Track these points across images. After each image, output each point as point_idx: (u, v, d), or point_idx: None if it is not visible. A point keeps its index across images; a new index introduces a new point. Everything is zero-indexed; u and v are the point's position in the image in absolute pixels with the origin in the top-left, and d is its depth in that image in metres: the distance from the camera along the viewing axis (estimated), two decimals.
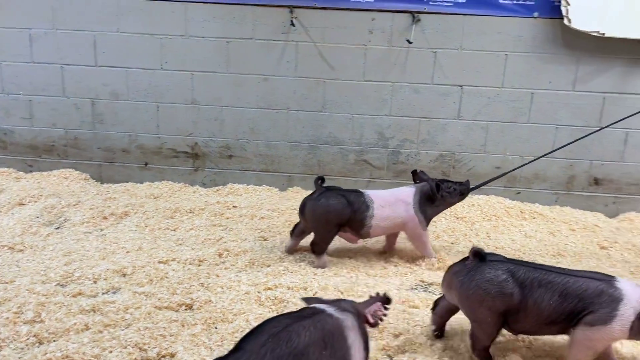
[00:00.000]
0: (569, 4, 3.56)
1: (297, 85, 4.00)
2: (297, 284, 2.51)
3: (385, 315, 1.67)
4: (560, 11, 3.61)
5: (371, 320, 1.64)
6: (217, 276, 2.61)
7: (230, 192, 4.06)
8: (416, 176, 2.97)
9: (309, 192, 4.08)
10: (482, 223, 3.60)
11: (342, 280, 2.60)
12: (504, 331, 1.98)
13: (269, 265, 2.77)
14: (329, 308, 1.56)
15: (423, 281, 2.68)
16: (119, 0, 3.93)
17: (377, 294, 1.69)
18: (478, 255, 1.89)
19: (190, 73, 4.03)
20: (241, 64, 3.98)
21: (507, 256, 2.99)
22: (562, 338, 2.04)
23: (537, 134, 3.94)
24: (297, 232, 2.95)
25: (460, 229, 3.48)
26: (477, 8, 3.74)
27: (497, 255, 1.96)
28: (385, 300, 1.68)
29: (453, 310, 2.05)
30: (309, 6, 3.82)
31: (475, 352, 1.92)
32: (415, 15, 3.78)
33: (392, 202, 2.82)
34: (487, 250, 3.06)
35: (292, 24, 3.83)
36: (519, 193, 4.01)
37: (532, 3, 3.72)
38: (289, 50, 3.94)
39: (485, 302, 1.84)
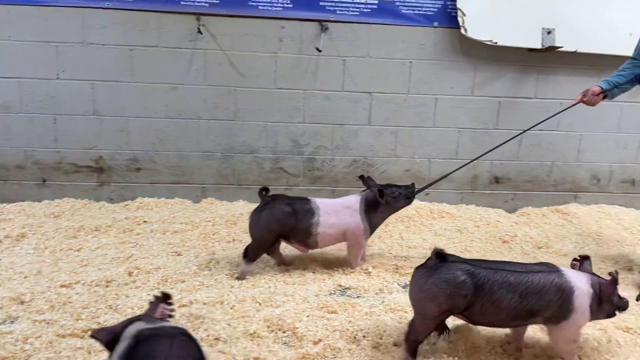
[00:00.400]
0: (464, 15, 3.79)
1: (207, 94, 3.91)
2: (214, 298, 2.43)
3: (173, 310, 1.69)
4: (457, 21, 3.84)
5: None
6: (127, 297, 2.47)
7: (140, 206, 3.87)
8: (364, 182, 2.95)
9: (224, 203, 4.04)
10: (395, 224, 3.72)
11: (260, 291, 2.56)
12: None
13: (183, 281, 2.67)
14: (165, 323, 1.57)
15: (341, 285, 2.71)
16: (9, 7, 3.63)
17: (156, 297, 1.70)
18: (439, 256, 1.93)
19: (91, 82, 3.81)
20: (147, 73, 3.83)
21: (420, 255, 3.16)
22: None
23: (442, 137, 4.15)
24: (271, 248, 2.87)
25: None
26: (381, 17, 3.88)
27: (458, 257, 2.00)
28: (165, 298, 1.70)
29: None
30: (216, 13, 3.75)
31: (407, 341, 1.98)
32: (324, 23, 3.85)
33: (338, 209, 2.79)
34: (400, 250, 3.21)
35: (200, 32, 3.74)
36: (428, 194, 4.19)
37: (432, 13, 3.92)
38: (197, 58, 3.84)
39: (437, 299, 1.89)
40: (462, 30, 3.82)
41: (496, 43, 3.83)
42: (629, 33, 3.89)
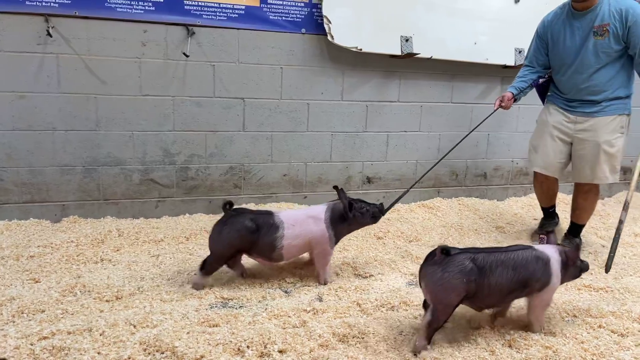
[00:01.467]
0: (330, 22, 3.92)
1: (62, 103, 3.57)
2: (80, 326, 2.20)
3: None
4: (324, 28, 3.95)
5: None
6: None
7: None
8: (338, 193, 2.86)
9: (90, 220, 3.72)
10: None
11: (135, 312, 2.38)
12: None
13: (43, 311, 2.38)
14: None
15: (224, 297, 2.62)
16: None
17: None
18: (445, 251, 2.11)
19: None
20: None
21: (299, 259, 3.18)
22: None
23: (316, 141, 4.24)
24: (232, 261, 2.80)
25: None
26: (249, 23, 3.85)
27: (457, 248, 2.19)
28: None
29: None
30: (67, 15, 3.43)
31: (428, 329, 2.12)
32: (190, 28, 3.72)
33: (302, 220, 2.75)
34: None
35: (49, 34, 3.40)
36: (306, 197, 4.26)
37: (300, 20, 3.99)
38: (48, 63, 3.48)
39: (456, 289, 2.08)
40: (329, 37, 3.94)
41: (361, 50, 4.01)
42: (474, 42, 4.34)
